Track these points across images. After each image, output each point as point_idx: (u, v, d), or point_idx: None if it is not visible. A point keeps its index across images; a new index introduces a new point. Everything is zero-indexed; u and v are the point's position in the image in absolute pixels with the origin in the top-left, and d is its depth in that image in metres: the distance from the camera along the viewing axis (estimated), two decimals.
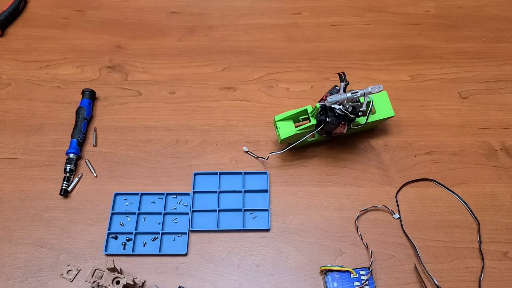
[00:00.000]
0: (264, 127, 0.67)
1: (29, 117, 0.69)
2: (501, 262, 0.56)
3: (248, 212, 0.60)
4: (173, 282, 0.55)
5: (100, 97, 0.71)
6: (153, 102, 0.71)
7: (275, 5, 0.84)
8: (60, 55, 0.77)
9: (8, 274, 0.55)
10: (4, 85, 0.73)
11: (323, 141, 0.66)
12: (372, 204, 0.60)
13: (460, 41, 0.78)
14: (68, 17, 0.82)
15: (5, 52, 0.77)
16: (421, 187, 0.62)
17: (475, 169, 0.64)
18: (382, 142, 0.66)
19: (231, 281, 0.55)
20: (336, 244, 0.58)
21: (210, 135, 0.67)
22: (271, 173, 0.63)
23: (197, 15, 0.81)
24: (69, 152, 0.63)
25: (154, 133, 0.67)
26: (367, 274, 0.54)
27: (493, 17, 0.82)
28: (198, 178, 0.63)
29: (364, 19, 0.82)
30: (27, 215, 0.60)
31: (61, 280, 0.55)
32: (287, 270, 0.56)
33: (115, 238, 0.58)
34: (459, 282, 0.55)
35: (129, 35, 0.79)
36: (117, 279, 0.52)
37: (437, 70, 0.75)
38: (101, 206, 0.60)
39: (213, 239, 0.58)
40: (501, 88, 0.72)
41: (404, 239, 0.58)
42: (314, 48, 0.77)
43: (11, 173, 0.63)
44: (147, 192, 0.61)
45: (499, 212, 0.60)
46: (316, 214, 0.60)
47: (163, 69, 0.75)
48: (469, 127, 0.68)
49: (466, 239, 0.58)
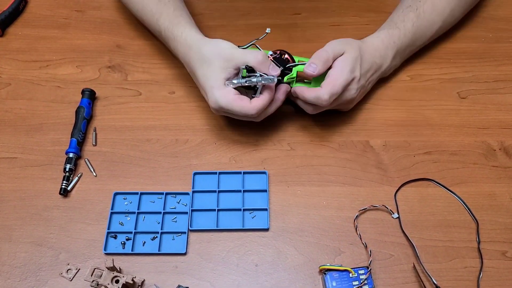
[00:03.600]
0: (263, 126, 0.68)
1: (29, 117, 0.69)
2: (500, 262, 0.56)
3: (247, 212, 0.60)
4: (172, 281, 0.55)
5: (100, 97, 0.71)
6: (153, 102, 0.71)
7: (274, 5, 0.84)
8: (60, 55, 0.77)
9: (8, 273, 0.55)
10: (4, 85, 0.73)
11: (323, 140, 0.66)
12: (371, 203, 0.60)
13: (459, 41, 0.78)
14: (68, 17, 0.82)
15: (5, 52, 0.77)
16: (420, 186, 0.62)
17: (474, 169, 0.64)
18: (381, 142, 0.66)
19: (230, 280, 0.55)
20: (335, 244, 0.58)
21: (209, 135, 0.67)
22: (271, 173, 0.63)
23: (197, 15, 0.81)
24: (69, 151, 0.63)
25: (154, 132, 0.68)
26: (366, 274, 0.54)
27: (492, 17, 0.82)
28: (197, 177, 0.63)
29: (364, 19, 0.82)
30: (26, 214, 0.60)
31: (61, 279, 0.55)
32: (286, 270, 0.56)
33: (114, 237, 0.58)
34: (458, 282, 0.55)
35: (129, 35, 0.79)
36: (116, 278, 0.52)
37: (436, 70, 0.75)
38: (100, 205, 0.61)
39: (212, 238, 0.58)
40: (500, 88, 0.73)
41: (403, 238, 0.58)
42: (314, 48, 0.77)
43: (10, 172, 0.63)
44: (146, 192, 0.61)
45: (498, 211, 0.60)
46: (315, 213, 0.60)
47: (163, 69, 0.75)
48: (468, 127, 0.68)
49: (465, 238, 0.58)
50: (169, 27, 0.67)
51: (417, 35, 0.70)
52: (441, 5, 0.71)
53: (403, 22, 0.69)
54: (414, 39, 0.70)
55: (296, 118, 0.69)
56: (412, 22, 0.69)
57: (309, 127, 0.68)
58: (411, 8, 0.70)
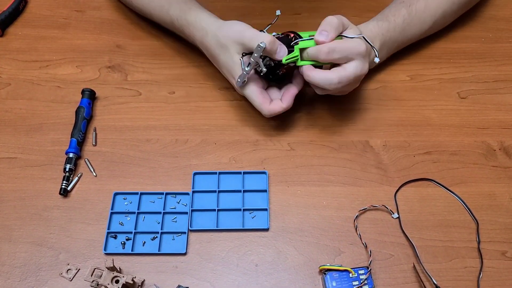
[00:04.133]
0: (263, 126, 0.68)
1: (29, 117, 0.69)
2: (500, 262, 0.56)
3: (247, 212, 0.60)
4: (172, 281, 0.55)
5: (100, 97, 0.71)
6: (152, 102, 0.71)
7: (274, 5, 0.84)
8: (60, 55, 0.77)
9: (8, 273, 0.55)
10: (4, 85, 0.73)
11: (323, 140, 0.66)
12: (371, 203, 0.60)
13: (459, 41, 0.78)
14: (68, 17, 0.82)
15: (5, 52, 0.77)
16: (420, 186, 0.62)
17: (474, 169, 0.64)
18: (381, 142, 0.66)
19: (230, 280, 0.55)
20: (335, 244, 0.58)
21: (209, 135, 0.67)
22: (270, 173, 0.63)
23: None
24: (69, 151, 0.63)
25: (154, 132, 0.68)
26: (366, 274, 0.54)
27: (492, 17, 0.82)
28: (197, 177, 0.63)
29: (364, 19, 0.81)
30: (26, 214, 0.60)
31: (61, 279, 0.55)
32: (286, 270, 0.56)
33: (114, 238, 0.58)
34: (458, 282, 0.55)
35: (129, 35, 0.79)
36: (116, 278, 0.52)
37: (436, 70, 0.75)
38: (100, 205, 0.61)
39: (212, 238, 0.58)
40: (500, 88, 0.73)
41: (403, 238, 0.58)
42: None
43: (10, 173, 0.63)
44: (146, 192, 0.61)
45: (498, 211, 0.60)
46: (315, 213, 0.60)
47: (163, 69, 0.75)
48: (468, 127, 0.68)
49: (464, 238, 0.58)
50: (181, 16, 0.67)
51: (407, 32, 0.70)
52: (433, 6, 0.71)
53: (394, 16, 0.69)
54: (403, 35, 0.70)
55: (296, 118, 0.69)
56: (403, 18, 0.69)
57: (309, 127, 0.68)
58: (404, 4, 0.70)
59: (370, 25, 0.68)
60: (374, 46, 0.64)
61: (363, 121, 0.69)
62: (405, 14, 0.69)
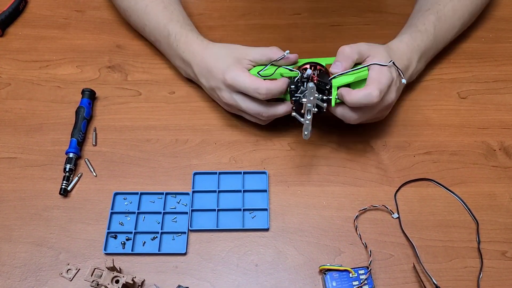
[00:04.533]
0: (263, 126, 0.68)
1: (29, 117, 0.69)
2: (500, 262, 0.56)
3: (247, 212, 0.60)
4: (172, 281, 0.55)
5: (100, 97, 0.71)
6: (152, 102, 0.71)
7: (274, 5, 0.84)
8: (60, 55, 0.77)
9: (8, 273, 0.55)
10: (4, 85, 0.73)
11: (323, 140, 0.66)
12: (371, 203, 0.60)
13: (459, 41, 0.78)
14: (68, 17, 0.82)
15: (5, 52, 0.77)
16: (420, 187, 0.62)
17: (474, 169, 0.64)
18: (381, 142, 0.66)
19: (230, 280, 0.55)
20: (335, 244, 0.58)
21: (209, 135, 0.67)
22: (271, 173, 0.63)
23: (197, 16, 0.81)
24: (69, 151, 0.63)
25: (154, 132, 0.68)
26: (366, 274, 0.54)
27: (492, 17, 0.82)
28: (197, 177, 0.63)
29: (364, 20, 0.82)
30: (26, 214, 0.60)
31: (61, 279, 0.55)
32: (286, 270, 0.56)
33: (114, 238, 0.58)
34: (458, 282, 0.55)
35: (129, 35, 0.79)
36: (116, 278, 0.52)
37: (436, 70, 0.75)
38: (100, 205, 0.61)
39: (212, 238, 0.58)
40: (500, 88, 0.73)
41: (403, 238, 0.58)
42: (314, 48, 0.77)
43: (10, 173, 0.63)
44: (146, 192, 0.61)
45: (498, 212, 0.60)
46: (315, 213, 0.60)
47: (163, 69, 0.75)
48: (468, 127, 0.68)
49: (464, 238, 0.58)
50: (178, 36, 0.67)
51: (439, 38, 0.70)
52: (461, 10, 0.71)
53: (424, 25, 0.68)
54: (437, 41, 0.70)
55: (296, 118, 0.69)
56: (434, 25, 0.68)
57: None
58: (431, 11, 0.69)
59: (404, 38, 0.66)
60: (413, 59, 0.65)
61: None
62: (435, 21, 0.69)
